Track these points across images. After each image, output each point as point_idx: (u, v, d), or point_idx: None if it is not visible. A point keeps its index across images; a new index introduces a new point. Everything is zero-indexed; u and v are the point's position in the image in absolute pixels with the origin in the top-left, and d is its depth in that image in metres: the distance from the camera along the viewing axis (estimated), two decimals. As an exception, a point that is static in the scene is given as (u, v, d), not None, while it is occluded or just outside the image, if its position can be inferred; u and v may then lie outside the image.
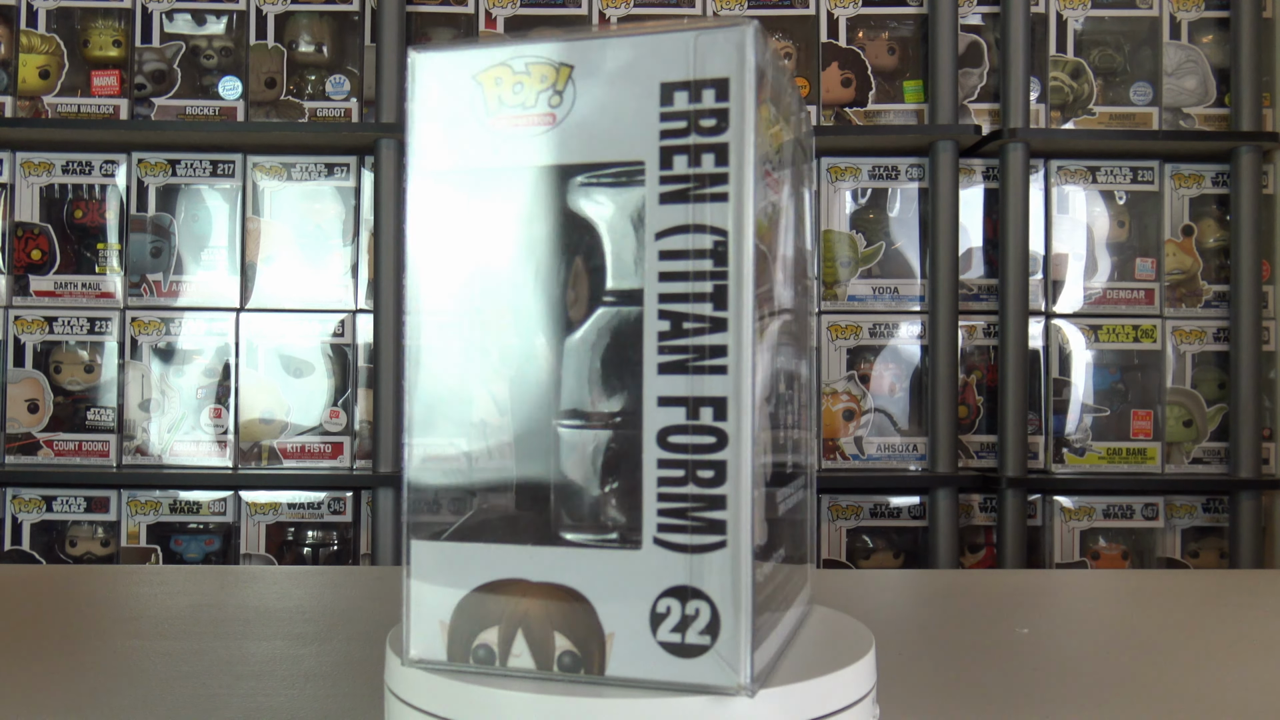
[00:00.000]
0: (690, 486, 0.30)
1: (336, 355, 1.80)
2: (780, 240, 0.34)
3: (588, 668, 0.31)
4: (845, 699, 0.33)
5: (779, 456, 0.35)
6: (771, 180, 0.33)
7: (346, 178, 1.81)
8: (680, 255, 0.30)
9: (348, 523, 1.77)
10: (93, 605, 0.61)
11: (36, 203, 1.79)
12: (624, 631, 0.30)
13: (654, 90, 0.30)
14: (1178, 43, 1.83)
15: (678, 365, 0.30)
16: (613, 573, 0.31)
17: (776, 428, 0.34)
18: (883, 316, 1.81)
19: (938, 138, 1.76)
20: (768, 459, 0.32)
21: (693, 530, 0.30)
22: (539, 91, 0.32)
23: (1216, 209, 1.84)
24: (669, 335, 0.30)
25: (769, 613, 0.32)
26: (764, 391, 0.32)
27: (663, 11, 1.83)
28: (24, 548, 1.74)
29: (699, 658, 0.30)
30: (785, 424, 0.35)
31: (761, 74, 0.31)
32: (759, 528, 0.31)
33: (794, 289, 0.37)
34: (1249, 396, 1.77)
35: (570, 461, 0.32)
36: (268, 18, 1.80)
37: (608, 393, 0.32)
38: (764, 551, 0.32)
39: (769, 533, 0.33)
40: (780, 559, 0.35)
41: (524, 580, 0.31)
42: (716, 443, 0.30)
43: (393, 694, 0.33)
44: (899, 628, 0.57)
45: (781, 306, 0.35)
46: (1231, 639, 0.55)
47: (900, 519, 1.79)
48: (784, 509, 0.36)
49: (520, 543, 0.32)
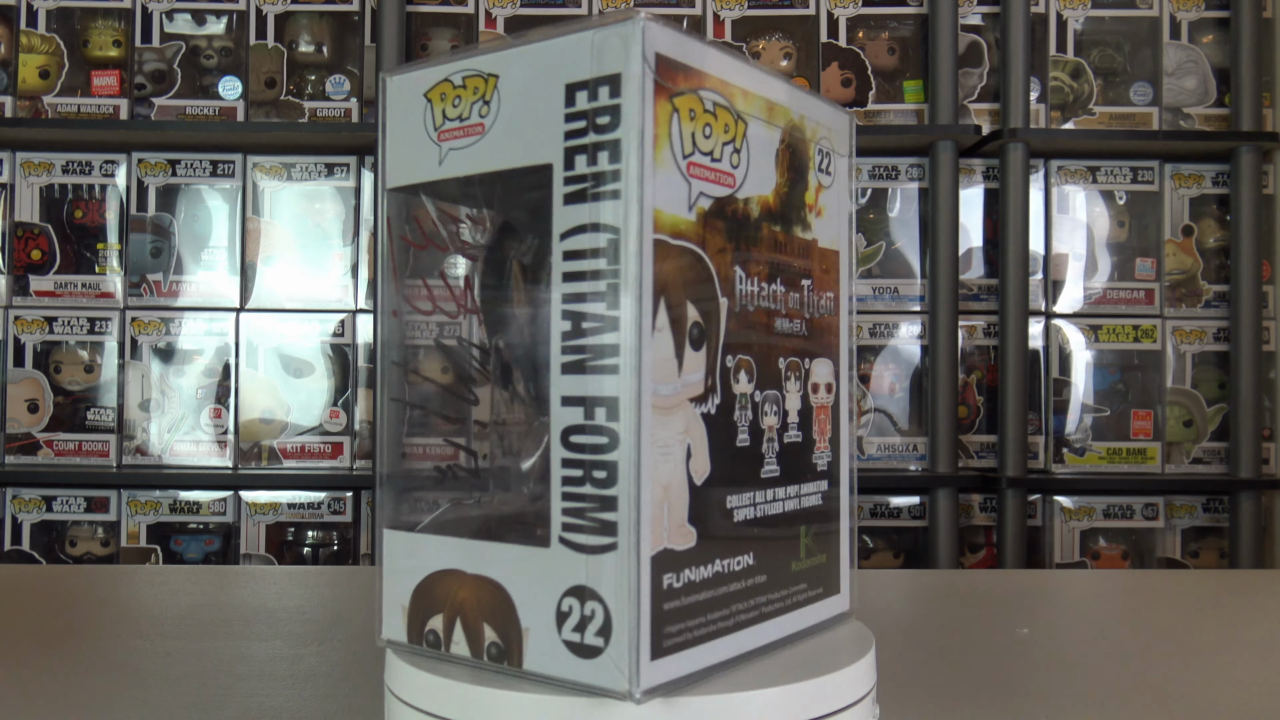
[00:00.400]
0: (587, 487, 0.30)
1: (336, 355, 1.80)
2: (752, 233, 0.34)
3: (509, 660, 0.32)
4: (845, 699, 0.33)
5: (744, 457, 0.34)
6: (715, 173, 0.32)
7: (346, 178, 1.81)
8: (580, 255, 0.30)
9: (348, 523, 1.77)
10: (93, 605, 0.61)
11: (36, 203, 1.79)
12: (537, 627, 0.31)
13: (560, 92, 0.31)
14: (1178, 43, 1.83)
15: (577, 365, 0.30)
16: (527, 569, 0.31)
17: (732, 428, 0.33)
18: (883, 316, 1.81)
19: (938, 138, 1.76)
20: (699, 460, 0.32)
21: (589, 531, 0.30)
22: (471, 103, 0.33)
23: (1216, 209, 1.84)
24: (570, 335, 0.30)
25: (708, 617, 0.32)
26: (697, 390, 0.32)
27: (662, 11, 1.83)
28: (24, 548, 1.74)
29: (595, 659, 0.30)
30: (757, 424, 0.34)
31: (673, 66, 0.31)
32: (678, 531, 0.31)
33: (800, 283, 0.36)
34: (1249, 396, 1.77)
35: (502, 460, 0.34)
36: (268, 18, 1.80)
37: (533, 394, 0.33)
38: (704, 554, 0.32)
39: (730, 535, 0.33)
40: (751, 563, 0.34)
41: (461, 571, 0.33)
42: (609, 443, 0.30)
43: (393, 694, 0.33)
44: (899, 628, 0.57)
45: (765, 300, 0.34)
46: (1231, 639, 0.55)
47: (900, 519, 1.79)
48: (769, 511, 0.35)
49: (463, 536, 0.33)
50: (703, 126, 0.32)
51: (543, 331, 0.31)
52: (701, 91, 0.32)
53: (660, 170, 0.30)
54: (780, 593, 0.35)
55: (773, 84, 0.35)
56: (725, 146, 0.33)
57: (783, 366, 0.36)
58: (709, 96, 0.32)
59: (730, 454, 0.33)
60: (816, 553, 0.37)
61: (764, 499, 0.35)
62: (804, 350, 0.37)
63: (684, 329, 0.31)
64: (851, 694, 0.33)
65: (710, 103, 0.32)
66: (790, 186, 0.36)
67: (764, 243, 0.35)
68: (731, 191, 0.33)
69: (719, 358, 0.32)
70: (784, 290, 0.36)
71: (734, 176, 0.33)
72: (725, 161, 0.33)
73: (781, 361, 0.36)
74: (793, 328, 0.36)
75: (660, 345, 0.30)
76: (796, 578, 0.36)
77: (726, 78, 0.33)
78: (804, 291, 0.37)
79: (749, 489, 0.34)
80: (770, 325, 0.35)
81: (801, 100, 0.37)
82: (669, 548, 0.30)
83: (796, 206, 0.36)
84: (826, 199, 0.38)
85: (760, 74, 0.35)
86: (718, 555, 0.32)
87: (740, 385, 0.33)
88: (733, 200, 0.33)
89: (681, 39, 0.31)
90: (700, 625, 0.32)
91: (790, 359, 0.36)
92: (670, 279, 0.30)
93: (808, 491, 0.37)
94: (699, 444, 0.32)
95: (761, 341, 0.35)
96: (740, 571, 0.33)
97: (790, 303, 0.36)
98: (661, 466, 0.30)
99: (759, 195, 0.34)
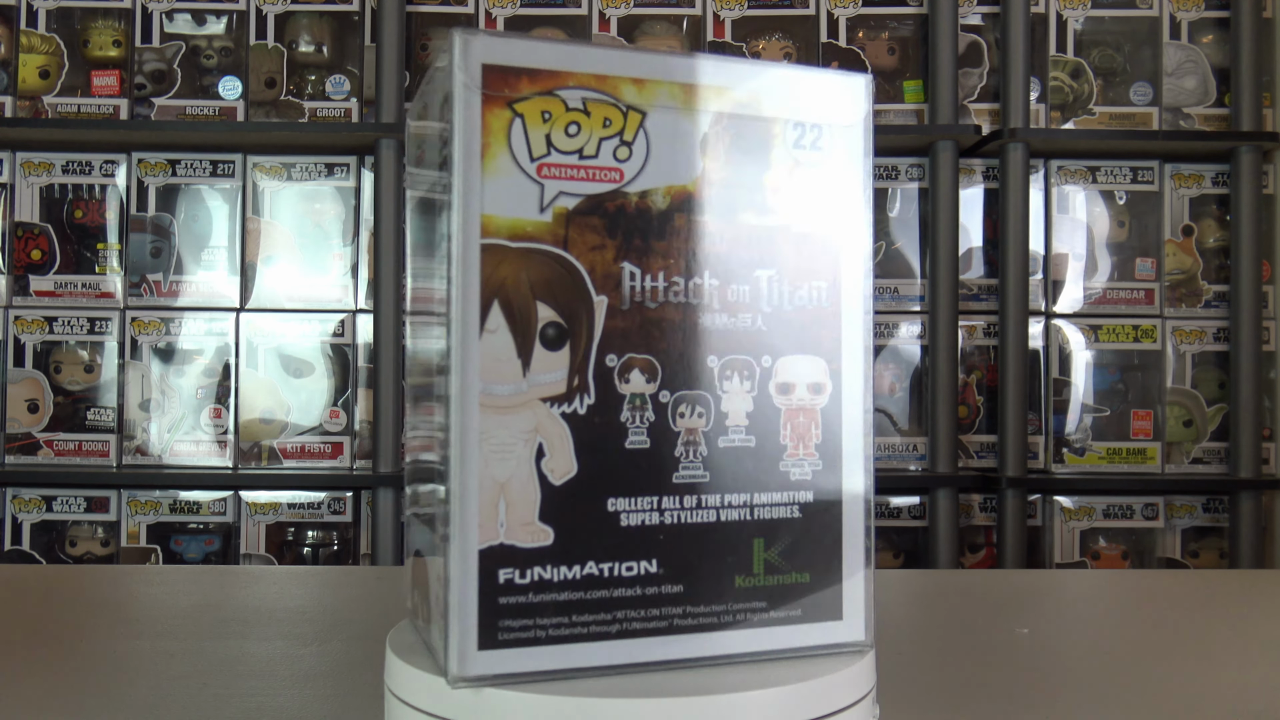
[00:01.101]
0: (436, 480, 0.32)
1: (336, 355, 1.80)
2: (655, 225, 0.34)
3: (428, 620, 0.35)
4: (845, 699, 0.33)
5: (640, 460, 0.33)
6: (585, 170, 0.32)
7: (346, 178, 1.81)
8: (429, 270, 0.33)
9: (348, 523, 1.77)
10: (93, 605, 0.61)
11: (36, 203, 1.79)
12: (434, 603, 0.33)
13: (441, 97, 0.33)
14: (1178, 43, 1.83)
15: (428, 368, 0.33)
16: (438, 550, 0.33)
17: (617, 429, 0.33)
18: (883, 316, 1.81)
19: (938, 138, 1.76)
20: (558, 459, 0.32)
21: (439, 522, 0.32)
22: None
23: (1216, 209, 1.84)
24: (440, 338, 0.32)
25: (574, 618, 0.32)
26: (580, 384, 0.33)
27: (662, 11, 1.83)
28: (24, 548, 1.74)
29: (437, 644, 0.33)
30: (665, 425, 0.33)
31: (511, 73, 0.31)
32: (523, 528, 0.31)
33: (752, 274, 0.34)
34: (1249, 396, 1.77)
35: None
36: (268, 18, 1.80)
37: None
38: (566, 554, 0.32)
39: (613, 539, 0.32)
40: (654, 571, 0.33)
41: (420, 551, 0.36)
42: (443, 440, 0.31)
43: (393, 694, 0.33)
44: (899, 628, 0.57)
45: (677, 295, 0.33)
46: (1231, 639, 0.55)
47: (900, 519, 1.79)
48: (688, 519, 0.33)
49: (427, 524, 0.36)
50: (565, 126, 0.32)
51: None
52: (561, 91, 0.32)
53: (495, 177, 0.31)
54: (711, 607, 0.34)
55: (694, 66, 0.34)
56: (606, 141, 0.32)
57: (715, 365, 0.34)
58: (574, 95, 0.32)
59: (616, 456, 0.33)
60: (787, 570, 0.35)
61: (675, 505, 0.33)
62: (761, 347, 0.34)
63: (531, 330, 0.31)
64: (851, 694, 0.33)
65: (578, 100, 0.32)
66: (733, 171, 0.34)
67: (677, 234, 0.33)
68: (617, 186, 0.33)
69: (591, 357, 0.32)
70: (718, 283, 0.34)
71: (620, 170, 0.33)
72: (605, 157, 0.32)
73: (714, 360, 0.34)
74: (736, 323, 0.34)
75: (494, 347, 0.31)
76: (747, 595, 0.34)
77: (606, 71, 0.33)
78: (761, 283, 0.34)
79: (649, 493, 0.33)
80: (689, 321, 0.33)
81: (756, 75, 0.34)
82: (507, 543, 0.31)
83: (747, 191, 0.34)
84: (808, 178, 0.35)
85: (669, 60, 0.33)
86: (591, 557, 0.32)
87: (631, 385, 0.33)
88: (619, 195, 0.33)
89: (521, 44, 0.32)
90: (561, 625, 0.32)
91: (731, 357, 0.34)
92: (508, 282, 0.31)
93: (766, 502, 0.34)
94: (557, 443, 0.32)
95: (673, 339, 0.33)
96: (633, 578, 0.33)
97: (732, 296, 0.34)
98: (498, 465, 0.31)
99: (669, 185, 0.33)
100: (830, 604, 0.35)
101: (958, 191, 1.78)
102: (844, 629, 0.35)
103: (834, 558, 0.35)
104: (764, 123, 0.35)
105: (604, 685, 0.31)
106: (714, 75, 0.34)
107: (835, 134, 0.35)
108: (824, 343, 0.35)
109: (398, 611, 0.59)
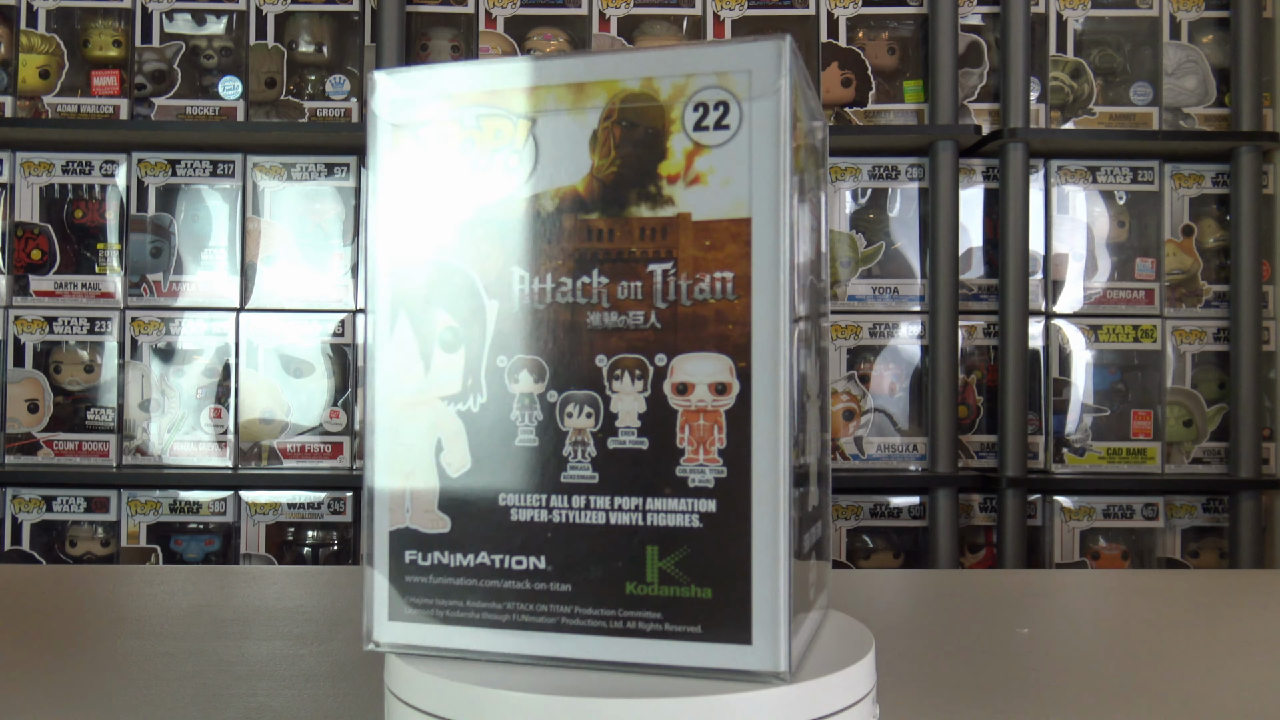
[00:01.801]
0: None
1: (336, 355, 1.80)
2: (543, 228, 0.35)
3: None
4: (845, 699, 0.33)
5: (527, 458, 0.34)
6: (470, 183, 0.35)
7: (346, 178, 1.81)
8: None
9: (348, 523, 1.77)
10: (93, 605, 0.61)
11: (36, 203, 1.79)
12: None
13: None
14: (1178, 43, 1.83)
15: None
16: None
17: (507, 427, 0.35)
18: (883, 316, 1.81)
19: (938, 138, 1.76)
20: (451, 454, 0.35)
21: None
22: None
23: (1216, 209, 1.84)
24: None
25: (467, 603, 0.34)
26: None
27: (662, 11, 1.83)
28: (24, 548, 1.74)
29: None
30: (554, 424, 0.34)
31: (412, 106, 0.35)
32: (424, 515, 0.34)
33: (644, 270, 0.34)
34: (1249, 396, 1.77)
35: None
36: (268, 18, 1.80)
37: None
38: (461, 543, 0.34)
39: (503, 532, 0.34)
40: (541, 567, 0.33)
41: None
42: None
43: (393, 694, 0.33)
44: (899, 628, 0.57)
45: (565, 295, 0.34)
46: (1231, 639, 0.55)
47: (900, 519, 1.79)
48: (576, 519, 0.33)
49: None
50: (459, 144, 0.35)
51: None
52: (460, 110, 0.34)
53: (401, 199, 0.35)
54: (600, 610, 0.33)
55: (579, 65, 0.33)
56: (497, 154, 0.34)
57: (604, 365, 0.33)
58: (470, 113, 0.34)
59: (505, 453, 0.34)
60: (685, 583, 0.32)
61: (563, 504, 0.33)
62: (655, 344, 0.33)
63: (432, 334, 0.34)
64: (851, 694, 0.33)
65: (472, 118, 0.34)
66: (623, 164, 0.33)
67: (564, 235, 0.33)
68: (507, 195, 0.34)
69: (483, 359, 0.34)
70: (606, 281, 0.33)
71: (510, 179, 0.34)
72: (495, 169, 0.34)
73: (602, 359, 0.33)
74: (625, 321, 0.33)
75: (399, 350, 0.35)
76: (638, 603, 0.32)
77: (496, 86, 0.34)
78: (654, 278, 0.33)
79: (538, 491, 0.33)
80: (576, 321, 0.33)
81: (648, 61, 0.33)
82: (411, 528, 0.34)
83: (639, 183, 0.33)
84: (720, 159, 0.32)
85: (554, 63, 0.33)
86: (483, 548, 0.34)
87: (520, 385, 0.34)
88: (509, 203, 0.34)
89: (416, 76, 0.35)
90: (456, 608, 0.34)
91: (621, 355, 0.33)
92: (413, 293, 0.35)
93: (660, 508, 0.32)
94: (451, 439, 0.34)
95: (559, 339, 0.33)
96: (523, 572, 0.33)
97: (622, 293, 0.33)
98: (404, 456, 0.34)
99: (557, 188, 0.33)
100: (736, 625, 0.32)
101: (958, 191, 1.78)
102: (753, 655, 0.32)
103: (740, 575, 0.32)
104: (658, 109, 0.33)
105: (603, 685, 0.31)
106: (602, 70, 0.33)
107: (747, 109, 0.32)
108: (730, 339, 0.32)
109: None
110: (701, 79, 0.33)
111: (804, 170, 0.35)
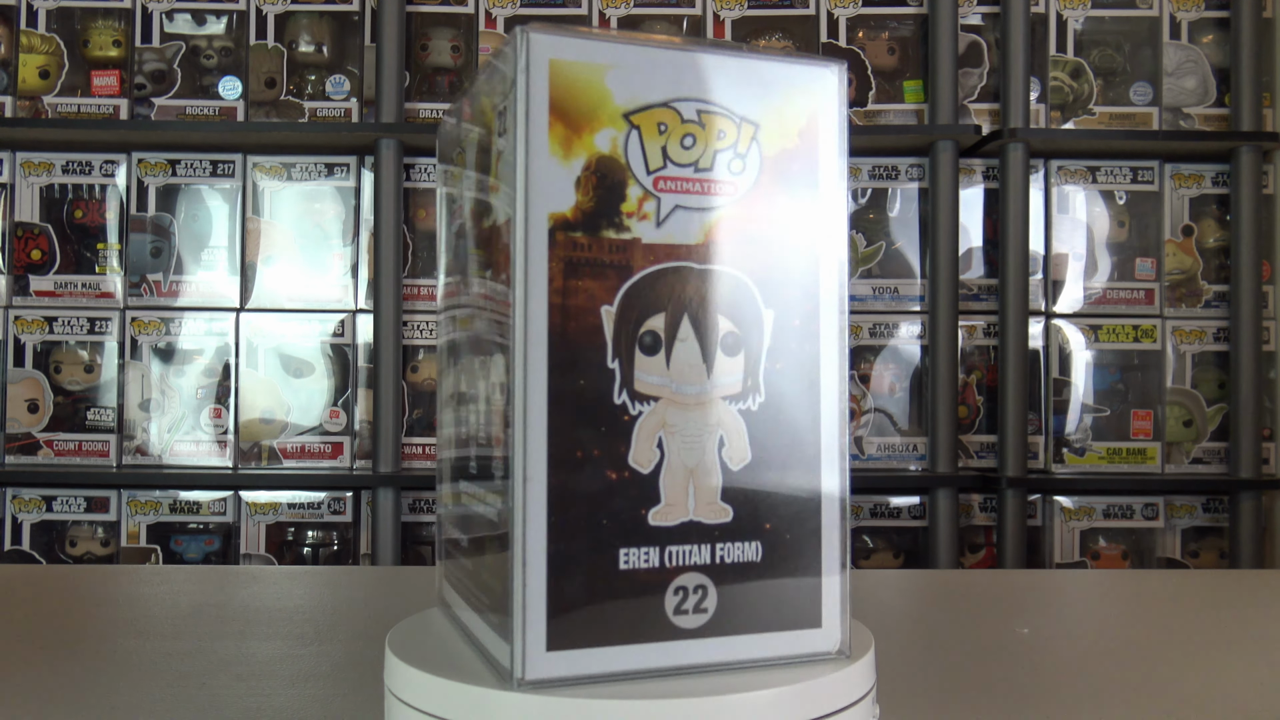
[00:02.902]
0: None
1: (336, 355, 1.80)
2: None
3: None
4: (845, 699, 0.33)
5: (462, 449, 0.36)
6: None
7: (346, 178, 1.81)
8: None
9: (348, 523, 1.77)
10: (93, 605, 0.61)
11: (36, 203, 1.79)
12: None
13: None
14: (1178, 43, 1.83)
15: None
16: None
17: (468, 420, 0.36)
18: (883, 316, 1.81)
19: (938, 138, 1.76)
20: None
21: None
22: None
23: (1216, 209, 1.84)
24: None
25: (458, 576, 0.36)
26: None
27: (662, 11, 1.83)
28: (24, 548, 1.74)
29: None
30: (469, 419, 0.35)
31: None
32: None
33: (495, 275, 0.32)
34: (1249, 396, 1.77)
35: None
36: (268, 18, 1.80)
37: None
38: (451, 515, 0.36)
39: (457, 513, 0.36)
40: (466, 547, 0.36)
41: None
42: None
43: (393, 694, 0.33)
44: (899, 628, 0.57)
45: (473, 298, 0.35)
46: (1231, 639, 0.55)
47: (900, 519, 1.79)
48: (470, 508, 0.35)
49: None
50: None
51: None
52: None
53: None
54: (488, 599, 0.33)
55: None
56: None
57: (475, 366, 0.35)
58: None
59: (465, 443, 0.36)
60: (494, 584, 0.32)
61: (467, 491, 0.36)
62: (491, 347, 0.33)
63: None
64: (851, 694, 0.33)
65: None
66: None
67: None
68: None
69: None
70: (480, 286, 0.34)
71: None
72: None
73: (476, 361, 0.34)
74: (486, 327, 0.33)
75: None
76: (497, 599, 0.32)
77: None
78: (495, 282, 0.33)
79: (459, 479, 0.37)
80: (473, 325, 0.35)
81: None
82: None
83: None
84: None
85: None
86: (457, 526, 0.37)
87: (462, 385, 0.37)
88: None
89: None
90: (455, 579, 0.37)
91: (479, 358, 0.34)
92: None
93: (490, 503, 0.33)
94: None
95: (475, 343, 0.35)
96: (466, 549, 0.36)
97: (496, 295, 0.33)
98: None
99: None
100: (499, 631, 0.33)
101: (958, 191, 1.78)
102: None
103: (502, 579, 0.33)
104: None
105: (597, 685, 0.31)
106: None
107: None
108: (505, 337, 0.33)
109: (398, 611, 0.59)
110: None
111: None
